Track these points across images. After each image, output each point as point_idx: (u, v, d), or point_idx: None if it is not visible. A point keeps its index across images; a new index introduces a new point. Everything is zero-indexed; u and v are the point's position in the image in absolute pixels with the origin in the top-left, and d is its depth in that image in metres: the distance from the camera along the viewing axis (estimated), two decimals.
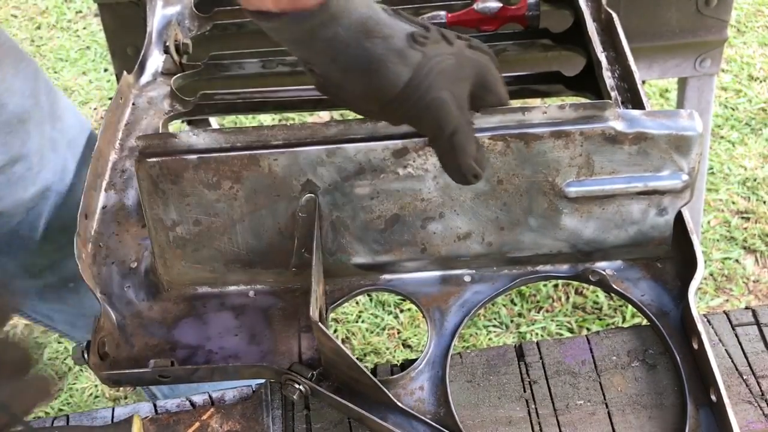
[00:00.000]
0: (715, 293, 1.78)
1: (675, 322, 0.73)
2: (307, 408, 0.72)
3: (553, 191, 0.73)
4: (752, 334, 0.74)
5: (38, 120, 0.99)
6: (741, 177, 1.99)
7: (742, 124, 2.13)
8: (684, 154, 0.71)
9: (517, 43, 0.98)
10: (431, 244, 0.76)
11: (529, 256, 0.77)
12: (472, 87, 0.67)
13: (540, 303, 1.79)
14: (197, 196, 0.73)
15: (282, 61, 1.01)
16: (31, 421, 0.76)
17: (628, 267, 0.77)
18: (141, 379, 0.73)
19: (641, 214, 0.74)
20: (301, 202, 0.73)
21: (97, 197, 0.84)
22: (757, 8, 2.48)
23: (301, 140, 0.71)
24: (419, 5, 1.02)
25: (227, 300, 0.78)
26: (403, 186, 0.72)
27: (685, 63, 1.25)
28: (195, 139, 0.71)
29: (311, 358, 0.73)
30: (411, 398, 0.70)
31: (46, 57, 2.60)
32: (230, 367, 0.72)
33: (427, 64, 0.64)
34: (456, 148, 0.66)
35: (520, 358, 0.74)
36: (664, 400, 0.70)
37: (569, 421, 0.69)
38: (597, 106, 0.70)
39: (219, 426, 0.72)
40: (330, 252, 0.76)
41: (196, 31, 1.04)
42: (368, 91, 0.64)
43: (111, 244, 0.81)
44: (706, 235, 1.87)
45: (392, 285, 0.78)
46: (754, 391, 0.70)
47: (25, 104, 0.97)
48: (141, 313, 0.77)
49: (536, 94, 0.96)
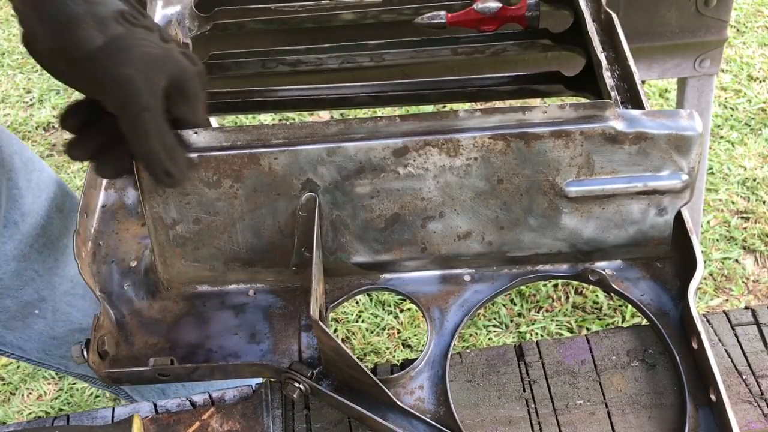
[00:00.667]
0: (715, 293, 1.78)
1: (674, 322, 0.73)
2: (307, 408, 0.72)
3: (553, 191, 0.73)
4: (752, 334, 0.74)
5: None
6: (740, 177, 1.99)
7: (741, 124, 2.13)
8: (684, 154, 0.71)
9: (517, 43, 0.98)
10: (431, 243, 0.76)
11: (528, 256, 0.77)
12: (169, 86, 0.65)
13: (540, 303, 1.79)
14: (197, 194, 0.73)
15: (282, 60, 1.01)
16: (31, 421, 0.77)
17: (627, 267, 0.77)
18: (141, 378, 0.73)
19: (641, 214, 0.74)
20: (302, 200, 0.73)
21: (97, 196, 0.84)
22: (756, 8, 2.48)
23: (301, 139, 0.71)
24: (419, 5, 1.02)
25: (227, 299, 0.78)
26: (403, 185, 0.73)
27: (685, 63, 1.25)
28: (195, 138, 0.71)
29: (311, 357, 0.73)
30: (411, 397, 0.71)
31: None
32: (230, 365, 0.72)
33: (128, 41, 0.63)
34: (140, 130, 0.63)
35: (519, 358, 0.74)
36: (663, 399, 0.70)
37: (569, 420, 0.69)
38: (597, 106, 0.70)
39: (219, 426, 0.72)
40: (330, 251, 0.76)
41: (196, 31, 1.04)
42: (56, 46, 0.63)
43: (111, 242, 0.81)
44: (706, 235, 1.87)
45: (392, 284, 0.78)
46: (753, 391, 0.70)
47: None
48: (141, 311, 0.77)
49: (536, 94, 0.96)
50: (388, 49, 1.00)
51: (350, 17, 1.04)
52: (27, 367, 1.80)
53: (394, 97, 0.98)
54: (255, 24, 1.04)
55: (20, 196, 0.98)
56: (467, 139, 0.70)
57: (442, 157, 0.71)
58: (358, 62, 1.01)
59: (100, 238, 0.81)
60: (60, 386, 1.77)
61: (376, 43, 1.00)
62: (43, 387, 1.77)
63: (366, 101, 0.98)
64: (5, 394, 1.77)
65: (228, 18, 1.04)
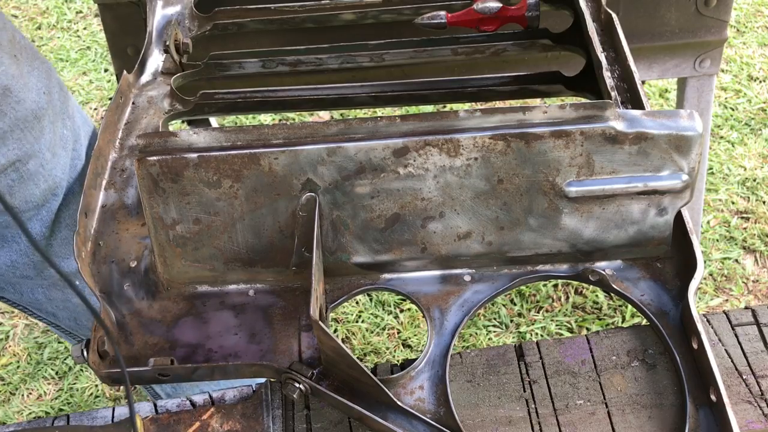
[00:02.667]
0: (715, 293, 1.78)
1: (675, 322, 0.73)
2: (308, 408, 0.72)
3: (553, 191, 0.73)
4: (752, 334, 0.74)
5: (51, 117, 1.00)
6: (740, 177, 1.99)
7: (741, 124, 2.13)
8: (684, 154, 0.71)
9: (517, 43, 0.98)
10: (431, 243, 0.76)
11: (529, 256, 0.77)
12: None
13: (540, 303, 1.79)
14: (197, 194, 0.73)
15: (282, 60, 1.01)
16: (31, 421, 0.77)
17: (627, 267, 0.77)
18: (141, 378, 0.73)
19: (641, 214, 0.74)
20: (302, 201, 0.73)
21: (97, 196, 0.84)
22: (756, 8, 2.48)
23: (301, 139, 0.71)
24: (419, 5, 1.02)
25: (227, 299, 0.78)
26: (403, 185, 0.73)
27: (685, 63, 1.25)
28: (195, 138, 0.71)
29: (311, 357, 0.73)
30: (411, 398, 0.71)
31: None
32: (230, 365, 0.72)
33: None
34: None
35: (519, 358, 0.74)
36: (663, 399, 0.70)
37: (569, 420, 0.69)
38: (597, 106, 0.70)
39: (219, 426, 0.72)
40: (330, 251, 0.76)
41: (196, 31, 1.04)
42: None
43: (111, 242, 0.81)
44: (706, 235, 1.87)
45: (392, 284, 0.78)
46: (753, 391, 0.70)
47: (40, 101, 0.97)
48: (141, 311, 0.77)
49: (536, 94, 0.96)
50: (388, 49, 1.00)
51: (350, 17, 1.04)
52: (27, 368, 1.80)
53: (394, 97, 0.98)
54: (255, 24, 1.04)
55: (82, 167, 1.05)
56: (467, 139, 0.70)
57: (442, 157, 0.71)
58: (358, 62, 1.01)
59: (100, 238, 0.81)
60: (60, 386, 1.77)
61: (376, 43, 1.00)
62: (43, 387, 1.77)
63: (366, 101, 0.98)
64: (5, 394, 1.77)
65: (228, 18, 1.05)
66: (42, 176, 0.99)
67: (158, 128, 0.91)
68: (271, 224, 0.74)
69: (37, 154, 0.98)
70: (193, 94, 0.95)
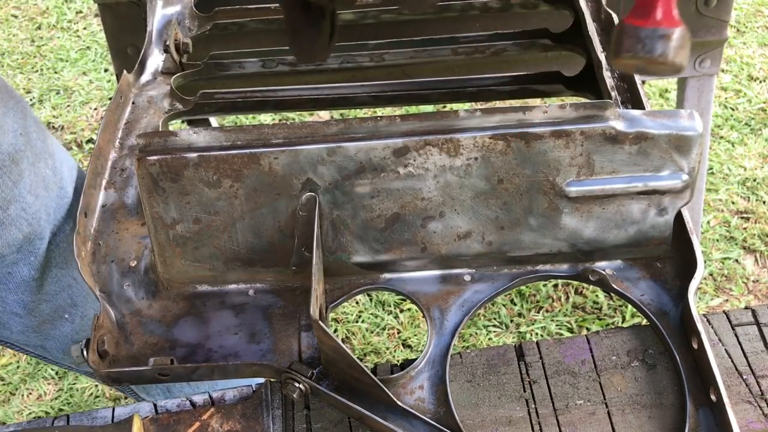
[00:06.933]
0: (715, 293, 1.78)
1: (675, 322, 0.73)
2: (308, 408, 0.72)
3: (553, 191, 0.73)
4: (752, 334, 0.74)
5: (31, 158, 0.95)
6: (741, 177, 1.99)
7: (741, 124, 2.13)
8: (684, 154, 0.71)
9: (517, 43, 0.98)
10: (431, 243, 0.76)
11: (529, 256, 0.77)
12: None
13: (540, 303, 1.79)
14: (197, 194, 0.73)
15: (282, 60, 1.01)
16: (32, 421, 0.77)
17: (627, 267, 0.77)
18: (140, 377, 0.73)
19: (641, 214, 0.74)
20: (302, 200, 0.73)
21: (97, 195, 0.84)
22: (756, 8, 2.48)
23: (301, 139, 0.71)
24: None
25: (227, 298, 0.78)
26: (403, 185, 0.73)
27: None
28: (195, 137, 0.71)
29: (311, 356, 0.73)
30: (411, 398, 0.70)
31: (46, 57, 2.61)
32: (230, 365, 0.72)
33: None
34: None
35: (520, 358, 0.74)
36: (663, 399, 0.70)
37: (569, 420, 0.69)
38: (597, 106, 0.70)
39: (219, 426, 0.72)
40: (330, 251, 0.76)
41: (196, 30, 1.04)
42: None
43: (110, 242, 0.81)
44: (706, 235, 1.87)
45: (392, 284, 0.78)
46: (753, 391, 0.70)
47: (17, 143, 0.93)
48: (140, 311, 0.77)
49: (536, 94, 0.96)
50: (388, 49, 1.00)
51: (350, 17, 1.04)
52: (27, 368, 1.80)
53: (394, 97, 0.98)
54: (255, 24, 1.04)
55: (70, 205, 1.01)
56: (467, 139, 0.70)
57: (442, 157, 0.71)
58: (358, 62, 1.01)
59: (100, 238, 0.81)
60: (60, 386, 1.77)
61: (376, 43, 1.00)
62: (43, 387, 1.77)
63: (366, 101, 0.98)
64: (5, 394, 1.77)
65: (228, 18, 1.05)
66: (25, 220, 0.95)
67: (158, 128, 0.91)
68: (271, 224, 0.74)
69: (18, 198, 0.93)
70: (193, 93, 0.95)
